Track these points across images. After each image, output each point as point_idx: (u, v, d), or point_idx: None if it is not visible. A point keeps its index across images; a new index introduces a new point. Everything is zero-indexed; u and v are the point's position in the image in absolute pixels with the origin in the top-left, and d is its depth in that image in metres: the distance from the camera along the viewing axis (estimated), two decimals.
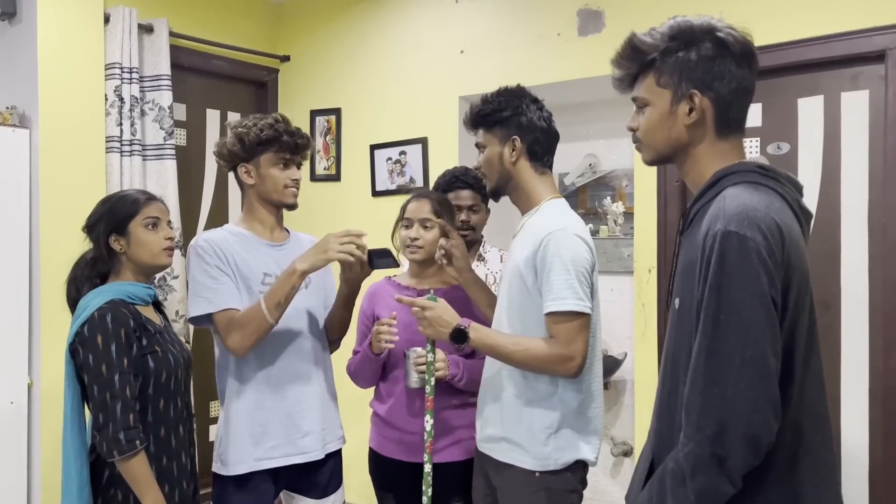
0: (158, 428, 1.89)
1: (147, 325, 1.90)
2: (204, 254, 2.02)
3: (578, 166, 3.57)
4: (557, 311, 1.76)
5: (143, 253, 1.94)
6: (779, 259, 1.17)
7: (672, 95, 1.32)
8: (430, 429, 1.99)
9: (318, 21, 3.93)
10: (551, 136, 1.94)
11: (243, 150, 2.09)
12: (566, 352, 1.76)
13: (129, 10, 3.27)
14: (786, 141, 2.67)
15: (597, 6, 2.99)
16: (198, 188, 3.77)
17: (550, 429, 1.82)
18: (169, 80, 3.40)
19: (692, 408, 1.18)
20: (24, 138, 2.99)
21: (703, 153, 1.33)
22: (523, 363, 1.82)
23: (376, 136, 3.68)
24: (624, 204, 3.52)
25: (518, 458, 1.84)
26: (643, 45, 1.34)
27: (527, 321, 1.85)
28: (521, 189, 1.93)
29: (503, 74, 3.25)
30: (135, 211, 1.94)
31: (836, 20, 2.50)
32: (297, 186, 2.14)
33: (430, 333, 1.91)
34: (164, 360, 1.90)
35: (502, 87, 1.96)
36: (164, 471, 1.88)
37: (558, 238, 1.78)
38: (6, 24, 3.11)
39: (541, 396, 1.84)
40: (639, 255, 2.94)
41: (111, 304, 1.84)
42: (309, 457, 2.09)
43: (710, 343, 1.17)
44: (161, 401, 1.90)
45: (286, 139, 2.08)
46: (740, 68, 1.30)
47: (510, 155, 1.90)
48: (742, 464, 1.15)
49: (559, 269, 1.76)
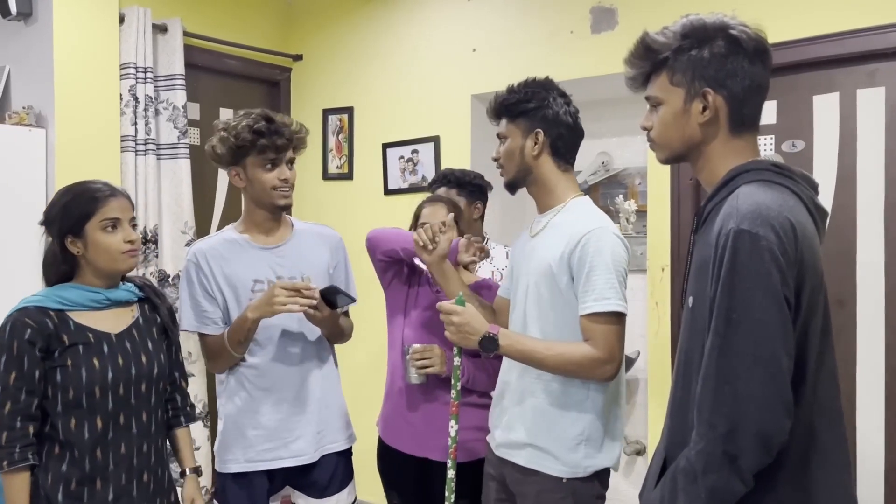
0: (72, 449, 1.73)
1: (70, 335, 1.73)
2: (190, 271, 2.08)
3: (591, 164, 3.55)
4: (600, 312, 1.71)
5: (100, 257, 1.77)
6: (792, 258, 1.16)
7: (685, 94, 1.32)
8: (454, 434, 1.90)
9: (331, 20, 3.94)
10: (576, 134, 1.88)
11: (227, 154, 2.04)
12: (604, 355, 1.71)
13: (143, 10, 3.30)
14: (801, 138, 2.65)
15: (610, 4, 2.98)
16: (211, 187, 3.79)
17: (582, 435, 1.78)
18: (183, 79, 3.42)
19: (704, 406, 1.18)
20: (40, 138, 3.02)
21: (717, 151, 1.33)
22: (558, 368, 1.75)
23: (389, 134, 3.69)
24: (637, 202, 3.50)
25: (546, 465, 1.79)
26: (656, 43, 1.33)
27: (559, 323, 1.79)
28: (543, 185, 1.87)
29: (515, 72, 3.22)
30: (91, 211, 1.76)
31: (851, 16, 2.48)
32: (287, 186, 2.06)
33: (456, 340, 1.80)
34: (73, 377, 1.72)
35: (530, 78, 1.90)
36: (71, 494, 1.72)
37: (599, 237, 1.73)
38: (22, 24, 3.14)
39: (572, 402, 1.79)
40: (652, 254, 2.93)
41: (20, 311, 1.72)
42: (300, 460, 2.09)
43: (722, 342, 1.16)
44: (72, 420, 1.73)
45: (264, 142, 1.99)
46: (753, 65, 1.30)
47: (532, 148, 1.83)
48: (754, 462, 1.14)
49: (601, 269, 1.71)
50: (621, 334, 1.74)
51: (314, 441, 2.11)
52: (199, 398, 3.43)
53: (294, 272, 2.10)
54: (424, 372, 2.07)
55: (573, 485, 1.78)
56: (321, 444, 2.13)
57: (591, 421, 1.79)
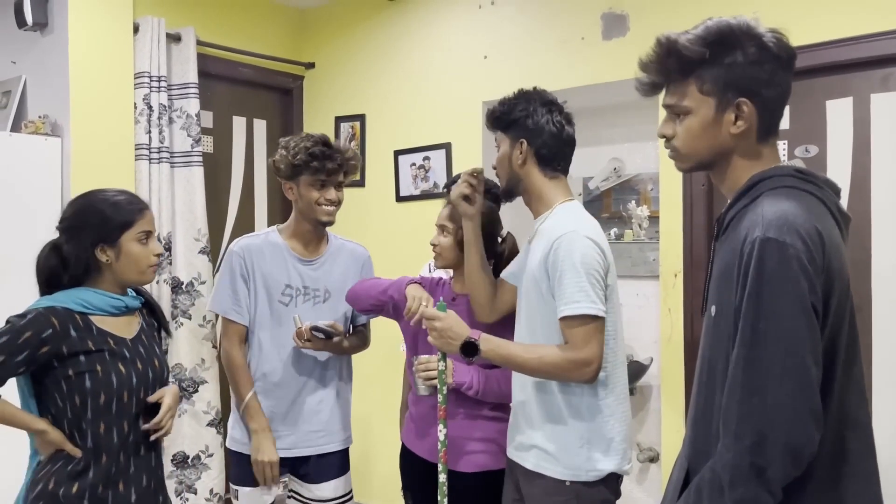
0: (99, 453, 1.75)
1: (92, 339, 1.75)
2: (234, 260, 2.30)
3: (603, 170, 3.55)
4: (570, 316, 1.73)
5: (130, 268, 1.81)
6: (819, 265, 1.14)
7: (716, 103, 1.27)
8: (443, 438, 1.94)
9: (343, 28, 3.96)
10: (563, 142, 1.90)
11: (285, 170, 2.27)
12: (581, 356, 1.72)
13: (157, 20, 3.33)
14: (814, 143, 2.64)
15: (621, 10, 2.98)
16: (224, 195, 3.81)
17: (583, 439, 1.79)
18: (196, 87, 3.45)
19: (731, 417, 1.15)
20: (55, 146, 3.05)
21: (745, 160, 1.29)
22: (538, 371, 1.79)
23: (400, 141, 3.70)
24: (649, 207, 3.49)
25: (548, 468, 1.82)
26: (688, 51, 1.25)
27: (546, 327, 1.82)
28: (531, 192, 1.92)
29: (527, 79, 3.22)
30: (131, 221, 1.80)
31: (864, 21, 2.46)
32: (332, 205, 2.28)
33: (439, 345, 1.86)
34: (104, 383, 1.74)
35: (519, 90, 1.95)
36: (97, 498, 1.75)
37: (569, 240, 1.76)
38: (38, 34, 3.18)
39: (572, 405, 1.81)
40: (664, 260, 2.92)
41: (48, 309, 1.72)
42: (303, 451, 2.31)
43: (749, 352, 1.14)
44: (102, 425, 1.75)
45: (316, 164, 2.21)
46: (785, 73, 1.26)
47: (517, 157, 1.89)
48: (782, 474, 1.12)
49: (570, 273, 1.73)
50: (598, 335, 1.74)
51: (310, 438, 2.32)
52: (213, 405, 3.45)
53: (319, 285, 2.34)
54: (431, 383, 2.07)
55: (577, 488, 1.79)
56: (326, 443, 2.34)
57: (593, 424, 1.80)
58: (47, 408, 1.76)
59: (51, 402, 1.76)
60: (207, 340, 3.44)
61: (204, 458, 3.42)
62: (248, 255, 2.29)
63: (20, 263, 1.92)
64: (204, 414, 3.42)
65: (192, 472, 3.40)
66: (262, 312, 2.30)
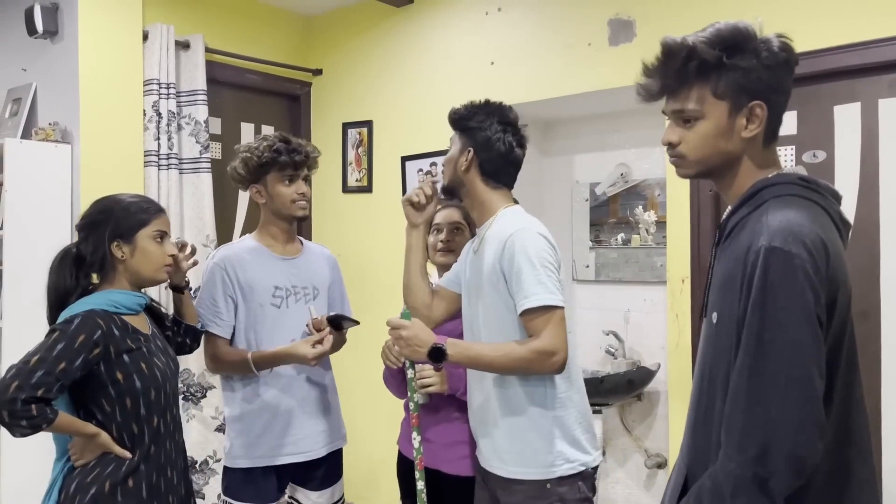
0: (150, 445, 1.83)
1: (131, 338, 1.81)
2: (216, 274, 2.26)
3: (610, 175, 3.55)
4: (531, 308, 1.76)
5: (145, 265, 1.87)
6: (824, 276, 1.14)
7: (729, 107, 1.25)
8: (417, 446, 1.95)
9: (350, 35, 3.98)
10: (509, 162, 1.96)
11: (249, 174, 2.26)
12: (547, 347, 1.75)
13: (166, 28, 3.35)
14: (822, 149, 2.63)
15: (628, 15, 2.99)
16: (232, 200, 3.83)
17: (550, 434, 1.82)
18: (205, 94, 3.47)
19: (734, 427, 1.15)
20: (66, 153, 3.07)
21: (750, 165, 1.29)
22: (507, 367, 1.81)
23: (407, 147, 3.71)
24: (656, 213, 3.49)
25: (524, 472, 1.83)
26: (707, 54, 1.23)
27: (507, 328, 1.85)
28: (473, 198, 1.97)
29: (533, 85, 3.25)
30: (147, 219, 1.87)
31: (872, 26, 2.46)
32: (305, 199, 2.28)
33: (407, 353, 1.87)
34: (150, 378, 1.82)
35: (485, 100, 2.00)
36: (153, 488, 1.83)
37: (521, 237, 1.80)
38: (49, 42, 3.21)
39: (532, 402, 1.84)
40: (672, 265, 2.91)
41: (89, 311, 1.75)
42: (307, 456, 2.28)
43: (753, 362, 1.14)
44: (154, 418, 1.84)
45: (284, 158, 2.22)
46: (790, 78, 1.27)
47: (462, 163, 1.94)
48: (785, 485, 1.12)
49: (526, 267, 1.77)
50: (561, 325, 1.78)
51: (321, 439, 2.31)
52: (220, 410, 3.45)
53: (306, 283, 2.33)
54: (425, 391, 2.11)
55: (557, 489, 1.81)
56: (326, 442, 2.33)
57: (558, 417, 1.83)
58: (92, 414, 1.80)
59: (97, 408, 1.79)
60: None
61: (212, 464, 3.43)
62: (230, 265, 2.25)
63: (31, 269, 1.95)
64: (212, 419, 3.43)
65: (200, 477, 3.41)
66: (255, 319, 2.25)
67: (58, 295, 1.84)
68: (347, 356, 2.61)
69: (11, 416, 1.65)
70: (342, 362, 2.60)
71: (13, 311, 2.91)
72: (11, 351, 2.83)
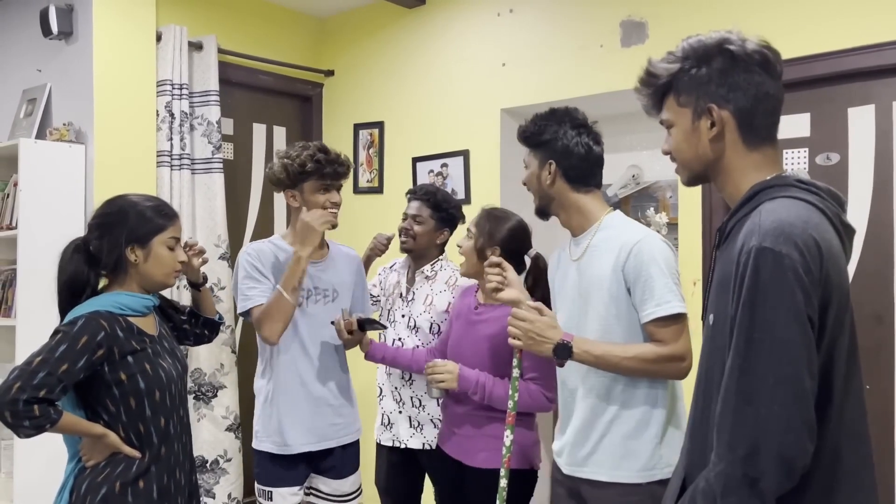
0: (160, 447, 1.85)
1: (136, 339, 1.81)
2: (248, 261, 2.34)
3: (622, 177, 3.54)
4: (663, 316, 1.77)
5: (156, 270, 1.88)
6: (816, 276, 1.13)
7: (692, 112, 1.33)
8: (508, 444, 1.97)
9: (362, 36, 3.99)
10: (591, 162, 1.94)
11: (288, 179, 2.33)
12: (677, 352, 1.78)
13: (179, 29, 3.37)
14: (836, 151, 2.62)
15: (640, 17, 2.98)
16: (244, 201, 3.85)
17: (657, 437, 1.81)
18: (217, 95, 3.49)
19: (724, 427, 1.16)
20: (79, 153, 3.10)
21: (736, 167, 1.32)
22: (634, 370, 1.79)
23: (418, 148, 3.71)
24: (668, 215, 3.47)
25: (622, 475, 1.81)
26: (657, 69, 1.37)
27: (625, 333, 1.83)
28: (567, 209, 1.94)
29: (545, 87, 3.25)
30: (164, 225, 1.88)
31: (886, 28, 2.44)
32: (336, 208, 2.37)
33: (529, 346, 1.82)
34: (155, 379, 1.83)
35: (550, 109, 1.99)
36: (163, 489, 1.84)
37: (649, 245, 1.81)
38: (63, 43, 3.23)
39: (640, 405, 1.82)
40: (683, 267, 2.88)
41: (93, 313, 1.76)
42: (329, 444, 2.38)
43: (743, 361, 1.14)
44: (162, 419, 1.85)
45: (327, 170, 2.31)
46: (756, 75, 1.29)
47: (546, 178, 1.93)
48: (775, 485, 1.11)
49: (657, 275, 1.79)
50: (687, 332, 1.82)
51: (341, 429, 2.41)
52: (231, 410, 3.47)
53: (328, 286, 2.42)
54: (439, 387, 2.20)
55: (651, 488, 1.79)
56: (345, 434, 2.43)
57: (665, 421, 1.83)
58: (98, 415, 1.81)
59: (102, 409, 1.80)
60: (227, 346, 3.47)
61: (223, 463, 3.44)
62: (260, 258, 2.34)
63: (44, 269, 1.95)
64: (223, 419, 3.44)
65: (211, 476, 3.42)
66: None
67: (73, 290, 1.84)
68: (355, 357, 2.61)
69: (14, 417, 1.66)
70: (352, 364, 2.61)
71: (28, 310, 2.93)
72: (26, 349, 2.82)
